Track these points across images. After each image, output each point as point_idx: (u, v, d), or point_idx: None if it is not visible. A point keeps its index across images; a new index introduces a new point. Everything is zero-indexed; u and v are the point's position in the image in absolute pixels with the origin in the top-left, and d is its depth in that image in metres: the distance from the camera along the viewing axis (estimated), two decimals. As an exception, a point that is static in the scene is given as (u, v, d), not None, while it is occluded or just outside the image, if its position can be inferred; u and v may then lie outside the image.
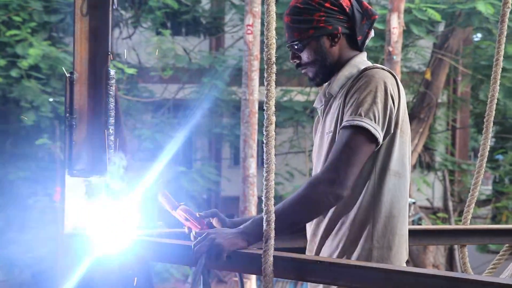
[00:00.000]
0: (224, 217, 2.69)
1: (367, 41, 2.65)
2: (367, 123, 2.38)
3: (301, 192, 2.37)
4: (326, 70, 2.60)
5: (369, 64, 2.59)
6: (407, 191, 2.55)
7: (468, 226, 3.24)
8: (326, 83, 2.65)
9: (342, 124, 2.42)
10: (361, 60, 2.60)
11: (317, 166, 2.61)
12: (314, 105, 2.75)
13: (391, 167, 2.48)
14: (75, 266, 2.46)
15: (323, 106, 2.65)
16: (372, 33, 2.65)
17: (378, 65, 2.52)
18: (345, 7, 2.56)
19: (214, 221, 2.67)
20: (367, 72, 2.47)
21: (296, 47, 2.59)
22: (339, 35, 2.57)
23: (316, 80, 2.64)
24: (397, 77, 2.51)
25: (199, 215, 2.66)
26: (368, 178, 2.47)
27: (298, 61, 2.62)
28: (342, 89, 2.55)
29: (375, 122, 2.39)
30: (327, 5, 2.55)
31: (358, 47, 2.62)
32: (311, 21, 2.54)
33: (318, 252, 2.57)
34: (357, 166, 2.37)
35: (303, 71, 2.64)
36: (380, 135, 2.40)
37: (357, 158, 2.37)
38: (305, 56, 2.59)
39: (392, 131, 2.46)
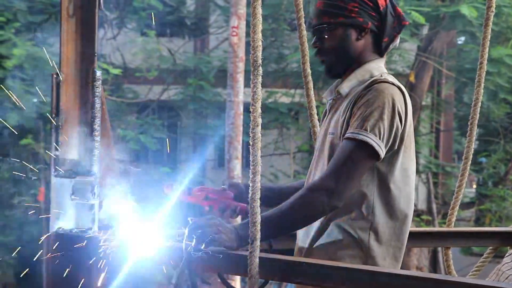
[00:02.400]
0: (242, 186, 2.77)
1: (392, 46, 2.64)
2: (371, 139, 2.39)
3: (300, 199, 2.38)
4: (344, 63, 2.60)
5: (384, 71, 2.59)
6: (409, 205, 2.54)
7: (453, 229, 3.25)
8: (338, 80, 2.66)
9: (347, 135, 2.42)
10: (377, 66, 2.60)
11: (319, 162, 2.61)
12: (323, 96, 2.75)
13: (392, 181, 2.48)
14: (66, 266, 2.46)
15: (331, 101, 2.66)
16: (398, 40, 2.65)
17: (389, 79, 2.51)
18: (380, 5, 2.57)
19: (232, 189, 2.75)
20: (377, 86, 2.47)
21: (322, 30, 2.58)
22: (367, 29, 2.57)
23: (331, 72, 2.64)
24: (405, 92, 2.51)
25: (222, 188, 2.71)
26: (367, 190, 2.47)
27: (319, 47, 2.61)
28: (352, 92, 2.55)
29: (380, 139, 2.40)
30: None
31: (380, 51, 2.62)
32: (343, 8, 2.54)
33: (308, 252, 2.57)
34: (356, 180, 2.40)
35: (321, 59, 2.63)
36: (382, 152, 2.41)
37: (357, 172, 2.38)
38: (328, 42, 2.58)
39: (396, 147, 2.47)
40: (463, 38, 13.61)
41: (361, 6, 2.55)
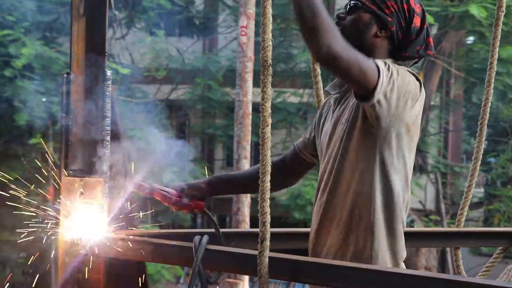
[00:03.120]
0: (202, 185, 2.83)
1: (405, 63, 2.63)
2: (382, 67, 2.38)
3: (323, 15, 2.26)
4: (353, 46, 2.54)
5: None
6: (406, 192, 2.55)
7: (462, 229, 3.24)
8: None
9: None
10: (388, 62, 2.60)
11: (327, 153, 2.60)
12: (326, 89, 2.74)
13: (393, 167, 2.49)
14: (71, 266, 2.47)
15: (338, 95, 2.65)
16: (412, 62, 2.65)
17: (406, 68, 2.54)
18: (414, 22, 2.57)
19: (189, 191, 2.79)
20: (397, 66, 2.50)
21: (353, 6, 2.57)
22: (388, 31, 2.55)
23: None
24: (421, 82, 2.52)
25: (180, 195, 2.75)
26: (368, 175, 2.47)
27: (342, 18, 2.60)
28: None
29: (387, 78, 2.38)
30: (404, 6, 2.56)
31: (393, 57, 2.61)
32: (383, 1, 2.55)
33: (322, 244, 2.59)
34: (357, 61, 2.33)
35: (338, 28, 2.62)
36: (381, 84, 2.36)
37: (360, 62, 2.33)
38: (349, 20, 2.58)
39: (397, 126, 2.46)
40: (472, 38, 13.57)
41: (398, 10, 2.55)
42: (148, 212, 2.74)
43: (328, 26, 2.25)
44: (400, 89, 2.43)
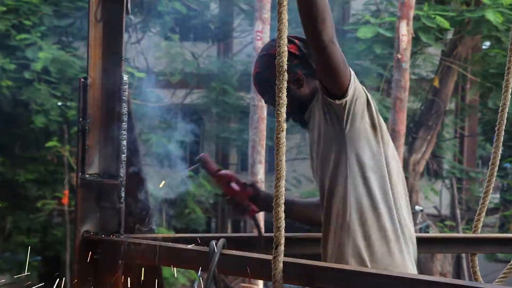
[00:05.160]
0: (261, 192, 2.93)
1: None
2: (351, 70, 2.64)
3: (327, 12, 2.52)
4: (302, 109, 2.79)
5: None
6: (385, 188, 2.64)
7: (479, 235, 3.22)
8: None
9: None
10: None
11: (317, 170, 2.78)
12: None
13: (367, 167, 2.64)
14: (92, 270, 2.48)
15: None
16: None
17: None
18: (294, 52, 2.76)
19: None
20: None
21: (267, 99, 2.83)
22: (301, 77, 2.75)
23: (298, 122, 2.85)
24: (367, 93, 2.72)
25: (246, 183, 2.86)
26: (344, 177, 2.65)
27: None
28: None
29: (354, 79, 2.63)
30: (291, 48, 2.73)
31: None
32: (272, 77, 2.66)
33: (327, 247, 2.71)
34: (343, 57, 2.57)
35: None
36: (353, 83, 2.62)
37: (343, 58, 2.59)
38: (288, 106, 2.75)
39: (362, 126, 2.63)
40: (488, 43, 13.51)
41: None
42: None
43: (331, 21, 2.53)
44: (357, 92, 2.64)
